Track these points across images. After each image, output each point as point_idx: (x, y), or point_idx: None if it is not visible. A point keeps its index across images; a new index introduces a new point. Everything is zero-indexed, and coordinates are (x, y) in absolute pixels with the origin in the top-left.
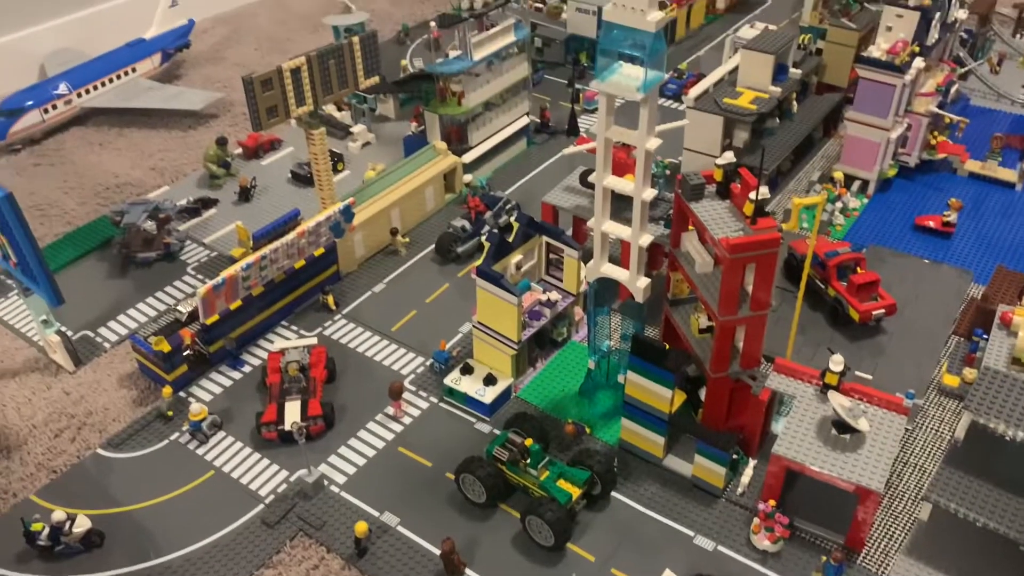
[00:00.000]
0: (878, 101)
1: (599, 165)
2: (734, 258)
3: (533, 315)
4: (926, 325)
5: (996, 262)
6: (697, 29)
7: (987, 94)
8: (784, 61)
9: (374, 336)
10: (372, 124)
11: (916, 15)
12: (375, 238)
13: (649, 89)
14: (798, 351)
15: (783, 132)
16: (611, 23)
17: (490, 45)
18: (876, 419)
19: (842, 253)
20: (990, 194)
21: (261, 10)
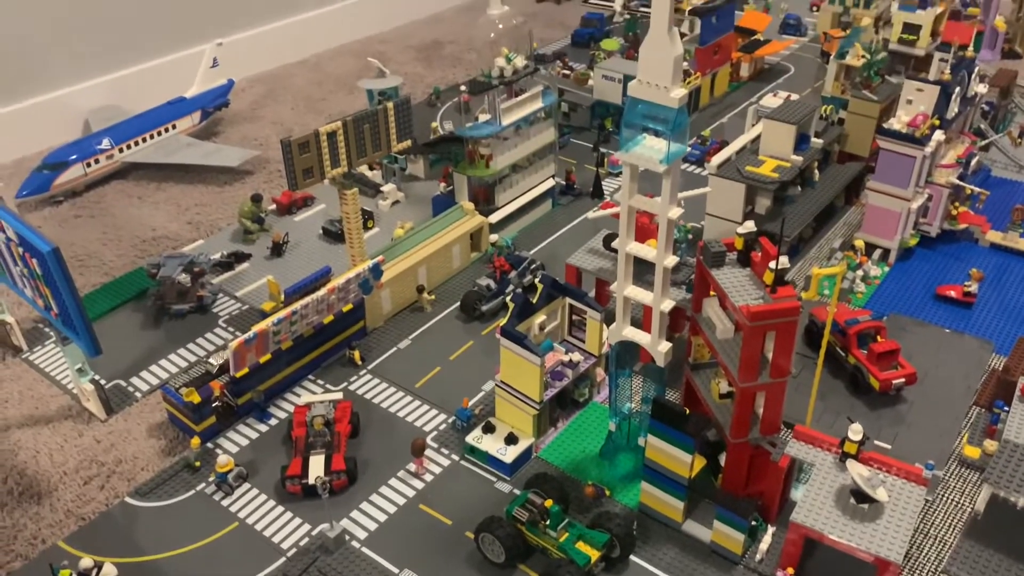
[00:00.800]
0: (899, 172)
1: (622, 232)
2: (754, 326)
3: (555, 375)
4: (947, 395)
5: (1018, 333)
6: (721, 97)
7: (1008, 165)
8: (806, 131)
9: (398, 392)
10: (402, 183)
11: (936, 89)
12: (402, 295)
13: (671, 161)
14: (818, 418)
15: (805, 200)
16: (635, 98)
17: (518, 111)
18: (895, 489)
19: (862, 321)
20: (1012, 265)
21: (298, 71)
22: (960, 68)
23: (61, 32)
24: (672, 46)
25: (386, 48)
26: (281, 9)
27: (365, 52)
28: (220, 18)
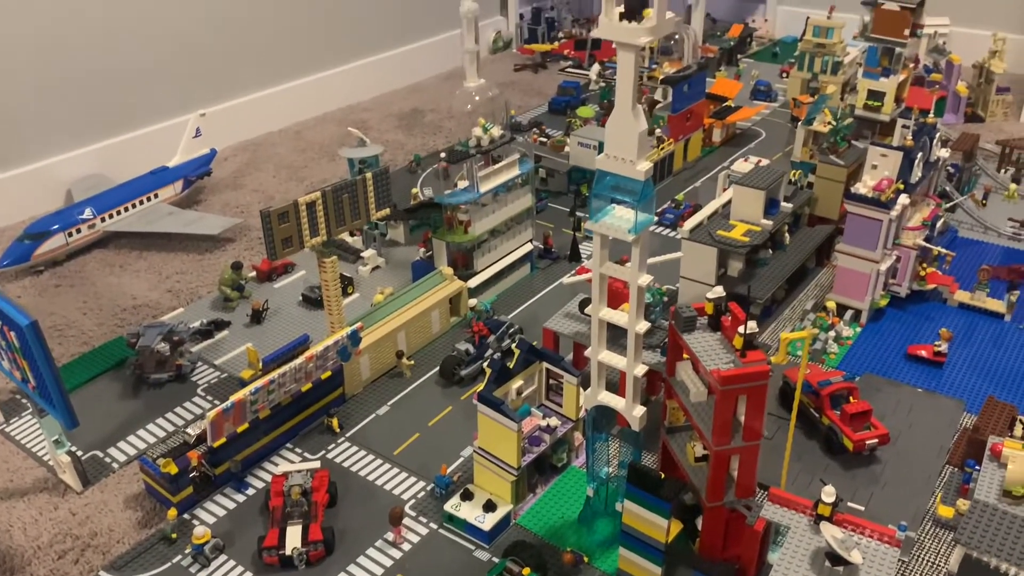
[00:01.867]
0: (866, 235)
1: (594, 299)
2: (725, 389)
3: (533, 441)
4: (920, 455)
5: (987, 391)
6: (694, 161)
7: (974, 226)
8: (775, 195)
9: (377, 459)
10: (382, 249)
11: (899, 154)
12: (381, 361)
13: (640, 231)
14: (794, 480)
15: (776, 262)
16: (603, 171)
17: (496, 178)
18: (869, 551)
19: (835, 382)
20: (980, 324)
21: (281, 139)
22: (922, 133)
23: (45, 102)
24: (636, 122)
25: (368, 116)
26: (264, 79)
27: (347, 120)
28: (204, 88)
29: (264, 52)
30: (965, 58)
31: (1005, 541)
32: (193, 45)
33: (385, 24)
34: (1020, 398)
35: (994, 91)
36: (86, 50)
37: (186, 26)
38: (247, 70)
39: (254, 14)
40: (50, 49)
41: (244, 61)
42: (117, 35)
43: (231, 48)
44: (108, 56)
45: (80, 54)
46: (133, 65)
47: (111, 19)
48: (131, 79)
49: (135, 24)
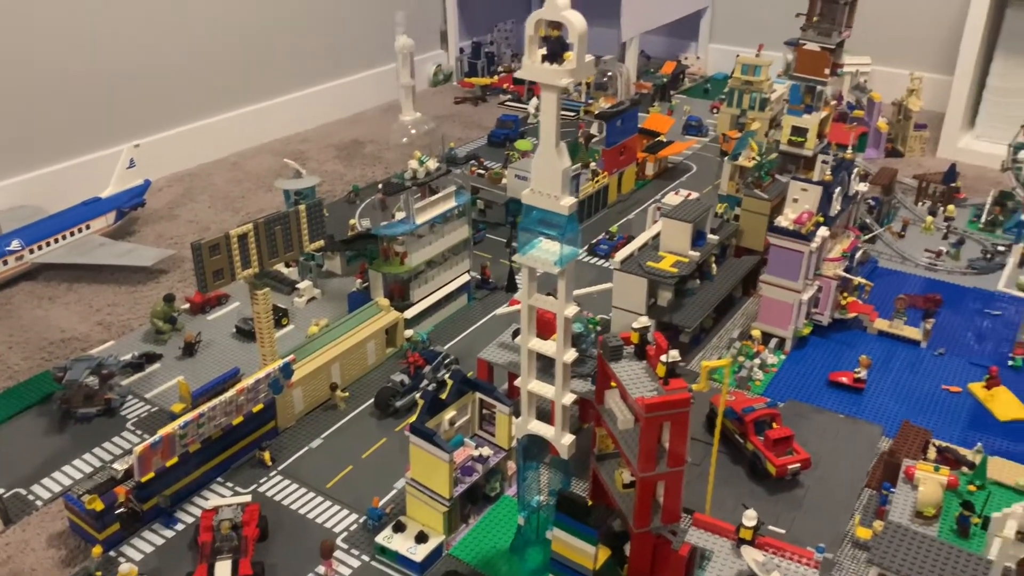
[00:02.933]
0: (788, 266)
1: (523, 329)
2: (649, 417)
3: (465, 471)
4: (841, 478)
5: (904, 416)
6: (628, 194)
7: (893, 257)
8: (702, 228)
9: (309, 493)
10: (318, 280)
11: (819, 189)
12: (315, 393)
13: (565, 264)
14: (721, 504)
15: (704, 292)
16: (529, 205)
17: (432, 210)
18: (789, 573)
19: (758, 409)
20: (898, 351)
21: (217, 169)
22: (840, 168)
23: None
24: (560, 159)
25: (307, 147)
26: (200, 109)
27: (285, 151)
28: (138, 118)
29: (201, 82)
30: (885, 96)
31: (916, 560)
32: (127, 75)
33: (325, 55)
34: (934, 422)
35: (912, 127)
36: (15, 79)
37: (120, 56)
38: (183, 100)
39: (191, 44)
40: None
41: (180, 91)
42: (46, 64)
43: (167, 78)
44: (39, 85)
45: (8, 83)
46: (65, 94)
47: (41, 48)
48: (63, 108)
49: (66, 54)
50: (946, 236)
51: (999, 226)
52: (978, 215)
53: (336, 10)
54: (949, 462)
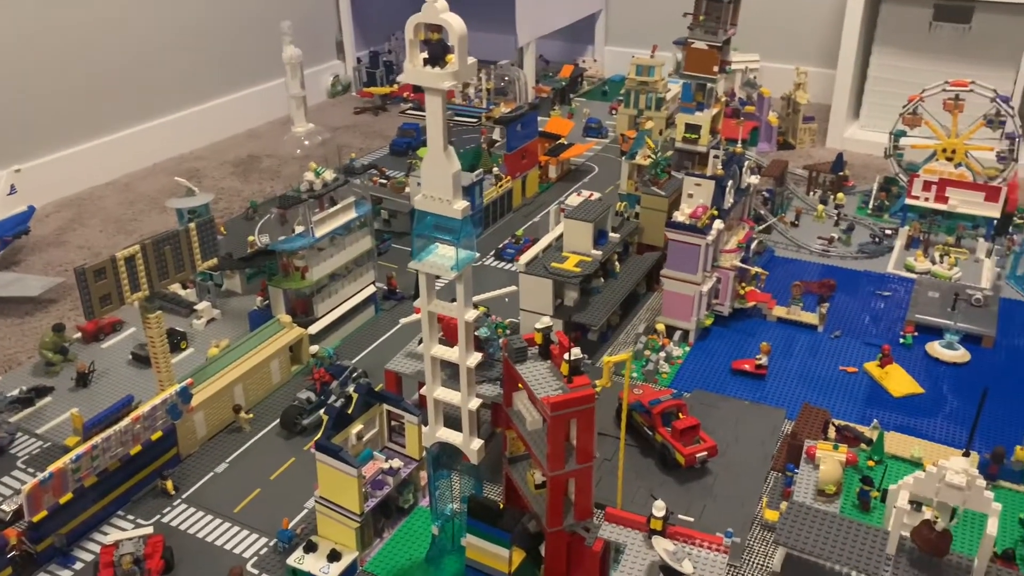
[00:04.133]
0: (687, 259)
1: (425, 337)
2: (555, 415)
3: (376, 485)
4: (747, 463)
5: (805, 398)
6: (532, 197)
7: (788, 245)
8: (603, 227)
9: (216, 519)
10: (218, 300)
11: (711, 183)
12: (217, 416)
13: (462, 268)
14: (634, 497)
15: (609, 290)
16: (423, 211)
17: (332, 222)
18: (700, 560)
19: (664, 400)
20: (796, 336)
21: (108, 192)
22: (731, 163)
23: None
24: (449, 163)
25: (202, 164)
26: (88, 130)
27: (180, 170)
28: (19, 142)
29: (87, 102)
30: (774, 91)
31: (818, 537)
32: (6, 95)
33: (215, 70)
34: (834, 402)
35: (801, 120)
36: None
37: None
38: (68, 121)
39: (75, 64)
40: None
41: (65, 112)
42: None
43: (50, 99)
44: None
45: None
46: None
47: None
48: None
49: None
50: (837, 223)
51: (886, 210)
52: (866, 201)
53: (225, 25)
54: (848, 440)
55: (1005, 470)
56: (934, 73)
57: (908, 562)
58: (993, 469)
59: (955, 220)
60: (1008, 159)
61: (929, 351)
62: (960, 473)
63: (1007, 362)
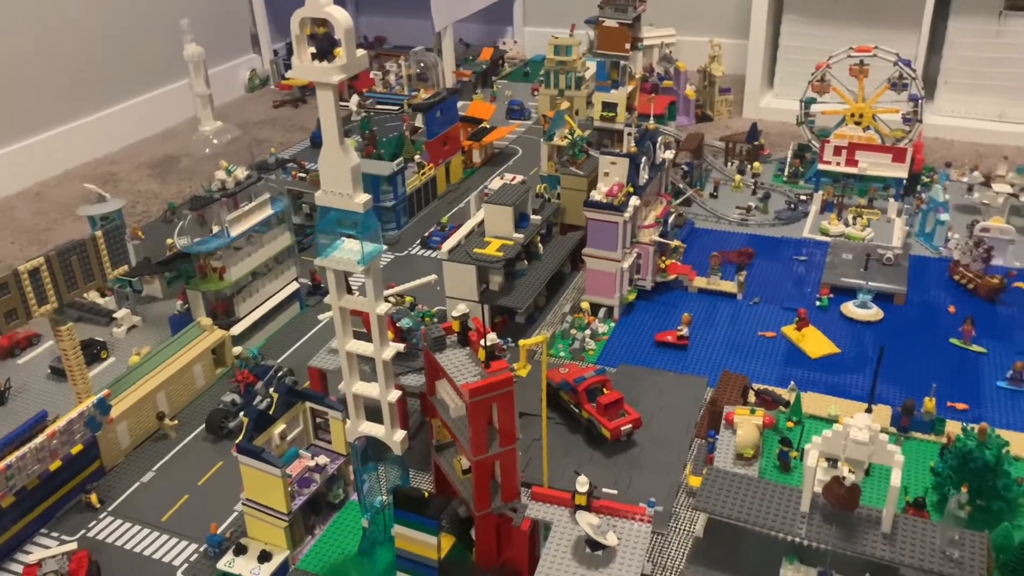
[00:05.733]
0: (606, 237)
1: (338, 333)
2: (474, 401)
3: (303, 483)
4: (672, 433)
5: (726, 366)
6: (457, 183)
7: (708, 217)
8: (524, 210)
9: (144, 529)
10: (138, 307)
11: (626, 160)
12: (141, 425)
13: (369, 261)
14: (562, 475)
15: (533, 272)
16: (324, 207)
17: (247, 220)
18: (624, 531)
19: (589, 377)
20: (717, 304)
21: (19, 202)
22: (644, 139)
23: None
24: (346, 157)
25: (117, 168)
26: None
27: (94, 175)
28: None
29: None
30: (690, 65)
31: (736, 500)
32: None
33: (126, 70)
34: (754, 367)
35: (718, 92)
36: None
37: None
38: None
39: None
40: None
41: None
42: None
43: None
44: None
45: None
46: None
47: None
48: None
49: None
50: (754, 192)
51: (801, 177)
52: (782, 169)
53: (132, 23)
54: (767, 403)
55: (916, 421)
56: (842, 40)
57: (821, 518)
58: (904, 421)
59: (866, 182)
60: (913, 120)
61: (844, 311)
62: (863, 429)
63: (918, 317)
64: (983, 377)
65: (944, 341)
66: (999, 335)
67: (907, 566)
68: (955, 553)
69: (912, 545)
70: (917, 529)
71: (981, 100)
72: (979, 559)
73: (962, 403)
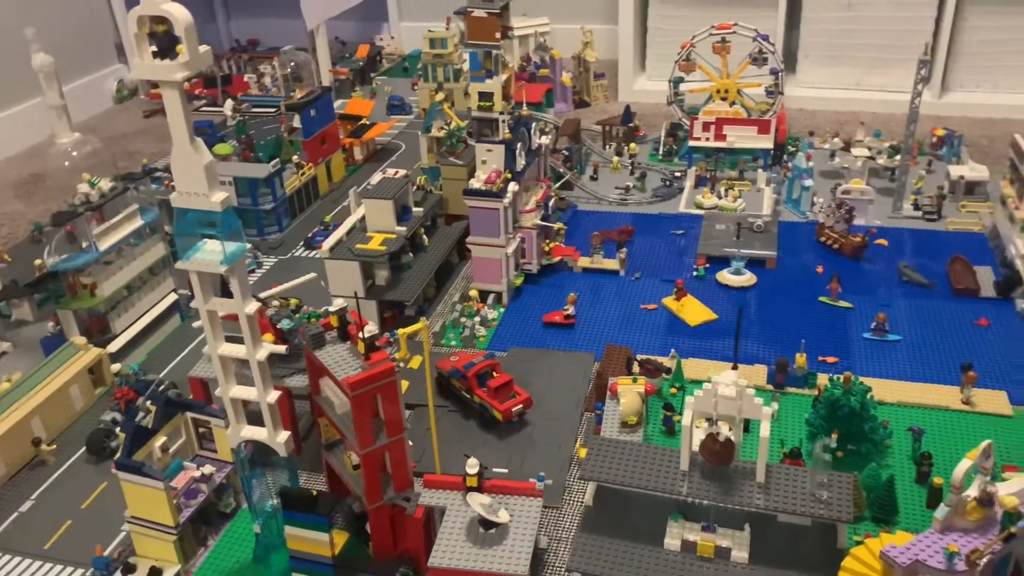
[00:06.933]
0: (488, 224)
1: (208, 337)
2: (356, 394)
3: (190, 494)
4: (563, 409)
5: (611, 340)
6: (340, 182)
7: (590, 199)
8: (405, 202)
9: (25, 560)
10: (8, 332)
11: (502, 148)
12: (15, 454)
13: (233, 261)
14: (458, 460)
15: (419, 264)
16: (181, 208)
17: (116, 233)
18: (516, 508)
19: (478, 363)
20: (602, 282)
21: None
22: (518, 126)
23: None
24: (198, 156)
25: None
26: None
27: None
28: None
29: None
30: (565, 52)
31: (620, 466)
32: None
33: None
34: (638, 339)
35: (593, 77)
36: None
37: None
38: None
39: None
40: None
41: None
42: None
43: None
44: None
45: None
46: None
47: None
48: None
49: None
50: (632, 172)
51: (675, 154)
52: (657, 148)
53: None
54: (650, 372)
55: (790, 377)
56: (707, 20)
57: (700, 475)
58: (780, 378)
59: (736, 155)
60: (775, 93)
61: (719, 279)
62: (730, 386)
63: (789, 279)
64: (851, 330)
65: (814, 300)
66: (864, 290)
67: (781, 511)
68: (824, 495)
69: (785, 492)
70: (789, 476)
71: (839, 70)
72: (846, 498)
73: (832, 356)
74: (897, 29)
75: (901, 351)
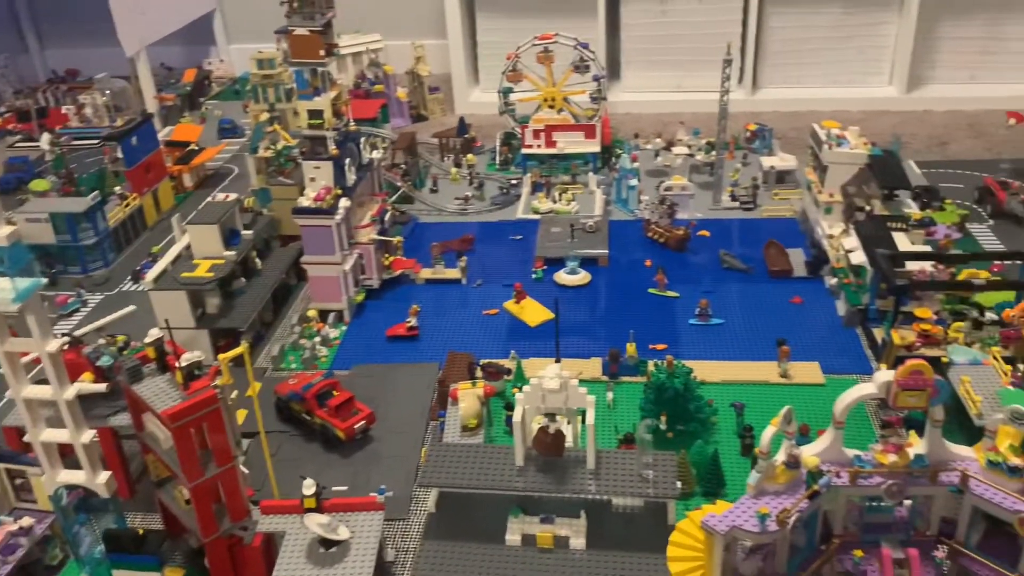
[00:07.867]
0: (322, 242)
1: (9, 380)
2: (177, 425)
3: (7, 550)
4: (408, 421)
5: (455, 348)
6: (170, 210)
7: (431, 211)
8: (232, 226)
9: None
10: None
11: (330, 164)
12: None
13: (26, 298)
14: (299, 485)
15: (253, 288)
16: None
17: None
18: (357, 524)
19: (316, 383)
20: (446, 292)
21: None
22: (346, 141)
23: None
24: None
25: None
26: None
27: None
28: None
29: None
30: (398, 67)
31: (458, 469)
32: None
33: None
34: (482, 344)
35: (427, 92)
36: None
37: None
38: None
39: None
40: None
41: None
42: None
43: None
44: None
45: None
46: None
47: None
48: None
49: None
50: (471, 182)
51: (511, 163)
52: (494, 158)
53: None
54: (492, 375)
55: (623, 366)
56: (532, 31)
57: (535, 468)
58: (613, 368)
59: (568, 160)
60: (598, 98)
61: (556, 280)
62: (553, 378)
63: (621, 275)
64: (677, 318)
65: (644, 292)
66: (689, 279)
67: (611, 494)
68: (650, 474)
69: (614, 476)
70: (619, 461)
71: (660, 74)
72: (670, 474)
73: (662, 343)
74: (708, 33)
75: (724, 333)
